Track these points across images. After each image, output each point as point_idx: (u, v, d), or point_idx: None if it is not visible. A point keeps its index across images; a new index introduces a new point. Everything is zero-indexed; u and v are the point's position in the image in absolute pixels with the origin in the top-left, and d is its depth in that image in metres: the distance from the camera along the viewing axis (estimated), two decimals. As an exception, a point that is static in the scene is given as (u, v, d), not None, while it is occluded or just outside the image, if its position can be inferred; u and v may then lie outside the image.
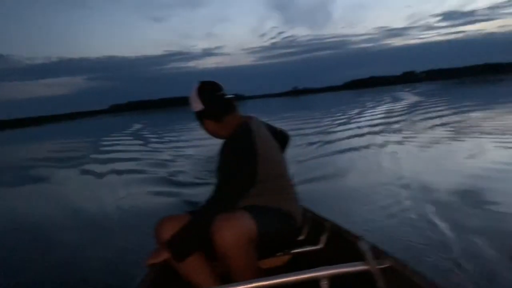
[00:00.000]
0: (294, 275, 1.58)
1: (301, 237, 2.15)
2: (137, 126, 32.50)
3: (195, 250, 1.83)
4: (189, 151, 11.99)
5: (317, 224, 2.30)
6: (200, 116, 2.01)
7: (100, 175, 9.07)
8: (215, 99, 1.97)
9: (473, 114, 13.93)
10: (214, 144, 2.25)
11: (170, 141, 16.13)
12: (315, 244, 2.22)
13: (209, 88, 1.98)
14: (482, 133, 9.49)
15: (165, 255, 1.82)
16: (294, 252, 2.21)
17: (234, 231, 1.65)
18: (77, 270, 3.59)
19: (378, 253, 1.68)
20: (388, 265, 1.62)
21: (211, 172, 2.34)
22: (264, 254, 1.97)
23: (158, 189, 6.79)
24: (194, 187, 6.58)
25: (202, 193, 5.64)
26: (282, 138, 2.27)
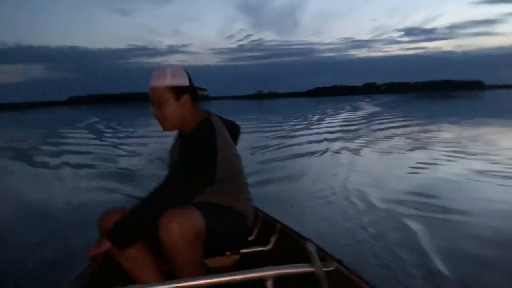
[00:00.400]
0: (239, 274, 1.57)
1: (251, 237, 2.15)
2: (94, 119, 31.60)
3: (137, 239, 1.75)
4: (144, 147, 11.79)
5: (267, 225, 2.31)
6: (181, 92, 1.88)
7: (50, 168, 8.73)
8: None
9: (427, 127, 14.51)
10: (169, 143, 2.17)
11: (127, 137, 15.79)
12: (265, 244, 2.23)
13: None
14: (431, 145, 9.88)
15: (106, 245, 1.73)
16: (243, 252, 2.21)
17: (182, 226, 1.60)
18: (23, 267, 3.41)
19: (325, 256, 1.69)
20: (333, 268, 1.64)
21: (164, 167, 2.28)
22: (212, 252, 1.95)
23: (108, 184, 6.61)
24: (145, 182, 6.45)
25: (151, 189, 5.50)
26: (234, 131, 2.22)
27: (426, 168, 7.00)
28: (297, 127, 17.11)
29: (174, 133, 2.08)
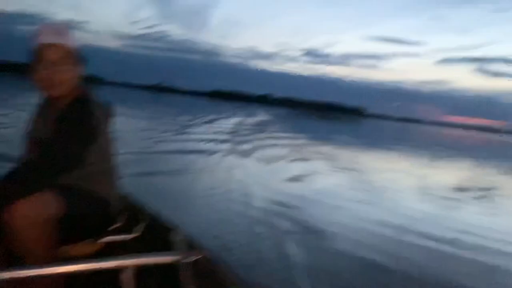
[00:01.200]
0: (95, 262, 1.44)
1: (117, 225, 2.03)
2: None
3: None
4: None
5: (136, 212, 2.21)
6: (79, 56, 1.73)
7: None
8: None
9: (309, 142, 15.54)
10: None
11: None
12: (130, 232, 2.11)
13: None
14: (309, 159, 10.60)
15: None
16: (107, 240, 2.06)
17: (29, 208, 1.47)
18: None
19: (190, 246, 1.68)
20: (197, 257, 1.61)
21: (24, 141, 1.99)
22: (71, 239, 1.80)
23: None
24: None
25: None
26: (107, 112, 2.09)
27: (300, 180, 7.46)
28: (188, 125, 17.01)
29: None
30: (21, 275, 1.31)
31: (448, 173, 11.93)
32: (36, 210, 1.49)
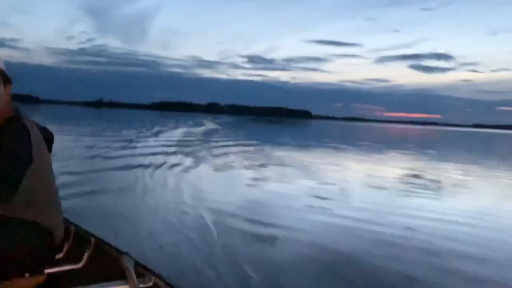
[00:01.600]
0: None
1: (60, 255, 1.93)
2: None
3: None
4: None
5: (80, 240, 2.09)
6: (6, 78, 1.66)
7: None
8: None
9: (260, 147, 15.67)
10: None
11: None
12: (76, 262, 2.01)
13: None
14: (261, 164, 10.68)
15: None
16: (49, 272, 1.92)
17: None
18: None
19: (143, 271, 1.62)
20: (151, 283, 1.57)
21: None
22: (11, 274, 1.67)
23: None
24: None
25: None
26: (47, 137, 1.96)
27: (254, 185, 7.50)
28: (136, 138, 16.58)
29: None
30: None
31: (391, 166, 12.49)
32: None
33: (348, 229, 4.84)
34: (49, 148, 1.95)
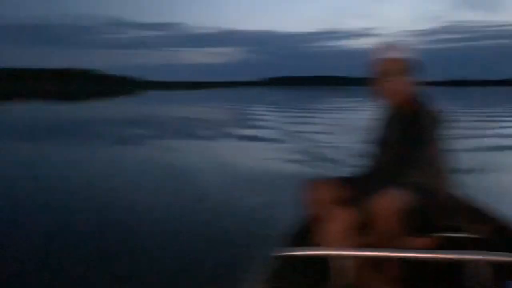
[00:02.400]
0: (449, 254, 1.39)
1: (454, 223, 2.00)
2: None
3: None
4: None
5: (473, 212, 2.13)
6: (410, 67, 1.94)
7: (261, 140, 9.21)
8: None
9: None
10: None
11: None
12: (471, 232, 2.00)
13: None
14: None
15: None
16: (446, 236, 1.97)
17: (389, 201, 1.70)
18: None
19: None
20: None
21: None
22: (413, 232, 1.84)
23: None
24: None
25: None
26: (438, 117, 1.99)
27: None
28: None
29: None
30: (375, 256, 1.49)
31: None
32: (393, 202, 1.70)
33: None
34: (441, 127, 1.97)
